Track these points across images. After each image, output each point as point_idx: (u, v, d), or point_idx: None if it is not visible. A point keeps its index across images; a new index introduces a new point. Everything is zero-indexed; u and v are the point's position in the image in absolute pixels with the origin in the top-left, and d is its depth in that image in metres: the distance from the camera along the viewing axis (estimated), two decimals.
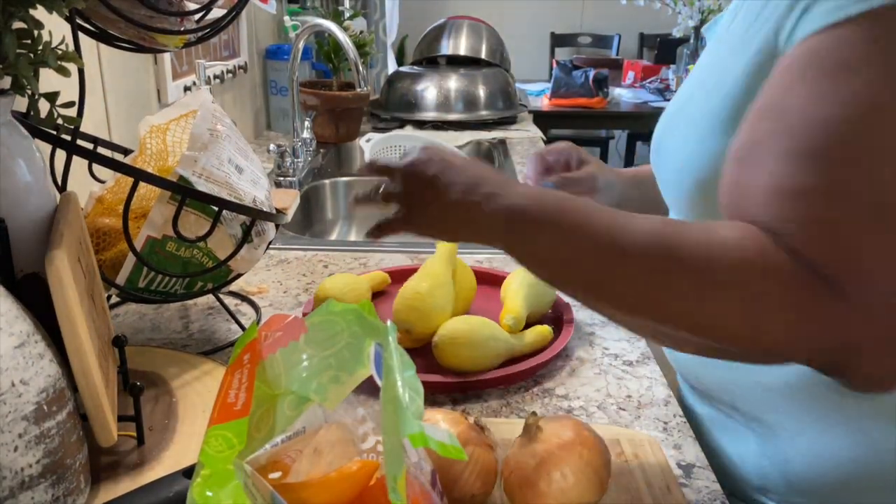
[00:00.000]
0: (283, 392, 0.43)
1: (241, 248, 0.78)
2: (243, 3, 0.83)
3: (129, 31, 0.75)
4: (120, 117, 1.12)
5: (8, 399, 0.46)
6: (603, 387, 0.79)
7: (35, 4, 0.55)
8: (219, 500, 0.37)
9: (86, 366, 0.53)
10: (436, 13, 3.99)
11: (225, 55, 1.69)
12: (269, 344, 0.44)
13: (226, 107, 1.67)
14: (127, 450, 0.62)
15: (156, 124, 0.87)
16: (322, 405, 0.44)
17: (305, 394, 0.42)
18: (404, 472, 0.36)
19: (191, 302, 0.97)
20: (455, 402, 0.76)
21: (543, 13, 4.67)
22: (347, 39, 1.49)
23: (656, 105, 3.28)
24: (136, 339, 0.87)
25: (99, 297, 0.66)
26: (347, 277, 0.91)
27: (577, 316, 0.92)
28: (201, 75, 1.42)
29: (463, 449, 0.37)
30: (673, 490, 0.60)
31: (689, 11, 3.38)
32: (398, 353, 0.41)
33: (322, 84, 1.99)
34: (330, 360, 0.43)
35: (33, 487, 0.48)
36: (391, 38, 3.10)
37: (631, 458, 0.64)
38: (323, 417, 0.47)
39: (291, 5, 2.32)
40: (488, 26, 2.39)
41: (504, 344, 0.80)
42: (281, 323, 0.45)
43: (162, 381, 0.72)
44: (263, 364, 0.43)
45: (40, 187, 0.58)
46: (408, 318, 0.81)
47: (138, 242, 0.75)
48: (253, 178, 0.81)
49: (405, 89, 2.20)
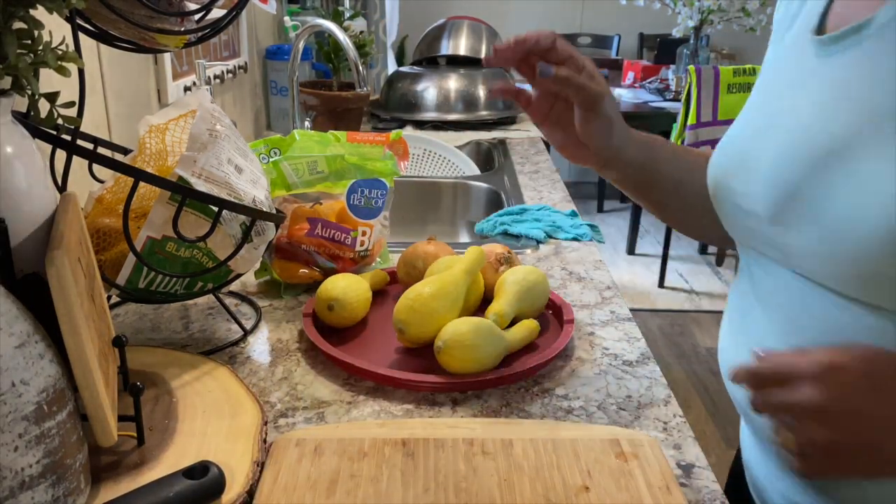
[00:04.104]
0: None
1: (241, 248, 0.78)
2: (243, 4, 0.83)
3: (129, 31, 0.75)
4: (120, 117, 1.12)
5: (8, 399, 0.46)
6: (603, 387, 0.79)
7: (35, 4, 0.55)
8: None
9: (86, 366, 0.53)
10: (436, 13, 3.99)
11: (225, 55, 1.69)
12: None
13: (226, 107, 1.67)
14: (127, 450, 0.62)
15: (155, 124, 0.87)
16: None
17: None
18: None
19: (191, 302, 0.97)
20: (455, 402, 0.76)
21: (543, 13, 4.67)
22: (347, 39, 1.50)
23: (656, 105, 3.28)
24: (136, 339, 0.87)
25: (99, 298, 0.66)
26: (349, 277, 0.91)
27: (577, 316, 0.93)
28: (201, 75, 1.42)
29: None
30: (673, 490, 0.60)
31: (688, 12, 3.38)
32: None
33: (322, 84, 1.99)
34: None
35: (33, 487, 0.48)
36: (391, 38, 3.10)
37: (631, 458, 0.64)
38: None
39: (291, 5, 2.33)
40: (488, 26, 2.39)
41: (503, 342, 0.80)
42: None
43: (162, 381, 0.72)
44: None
45: (40, 187, 0.58)
46: (404, 318, 0.81)
47: (138, 243, 0.75)
48: (252, 178, 0.81)
49: (405, 89, 2.20)
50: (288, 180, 1.04)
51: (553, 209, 1.34)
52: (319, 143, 1.08)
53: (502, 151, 1.91)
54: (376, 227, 1.04)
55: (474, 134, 2.09)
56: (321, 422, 0.72)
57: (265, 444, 0.65)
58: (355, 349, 0.85)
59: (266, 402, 0.75)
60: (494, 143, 2.00)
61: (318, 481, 0.60)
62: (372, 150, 1.07)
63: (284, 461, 0.62)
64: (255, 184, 0.81)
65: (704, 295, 3.36)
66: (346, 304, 0.87)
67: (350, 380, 0.79)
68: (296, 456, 0.63)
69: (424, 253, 0.98)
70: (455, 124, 2.15)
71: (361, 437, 0.66)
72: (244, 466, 0.60)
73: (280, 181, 1.03)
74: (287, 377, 0.80)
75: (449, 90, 2.17)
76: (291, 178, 1.03)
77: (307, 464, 0.62)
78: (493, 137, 2.05)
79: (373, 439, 0.66)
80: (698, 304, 3.26)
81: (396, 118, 2.17)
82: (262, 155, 1.06)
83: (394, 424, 0.69)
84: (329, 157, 1.04)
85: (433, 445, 0.65)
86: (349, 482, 0.60)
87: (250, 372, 0.81)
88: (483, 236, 1.26)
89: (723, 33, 4.20)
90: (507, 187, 1.56)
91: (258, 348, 0.86)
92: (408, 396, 0.76)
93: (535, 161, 1.80)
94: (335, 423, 0.72)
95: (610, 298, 1.00)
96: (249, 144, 0.89)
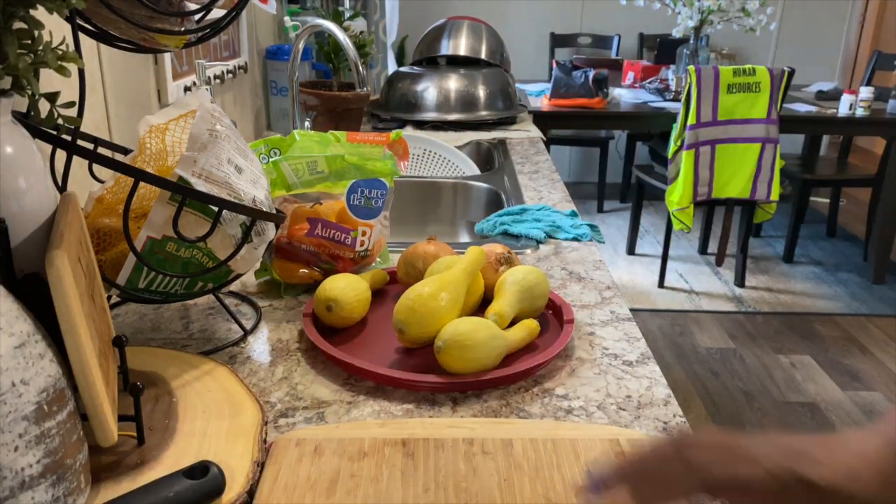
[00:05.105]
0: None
1: (241, 248, 0.78)
2: (243, 4, 0.83)
3: (129, 31, 0.75)
4: (120, 117, 1.12)
5: (8, 399, 0.46)
6: (603, 387, 0.79)
7: (35, 5, 0.55)
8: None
9: (86, 366, 0.53)
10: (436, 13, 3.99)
11: (225, 55, 1.69)
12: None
13: (226, 107, 1.67)
14: (127, 450, 0.62)
15: (155, 124, 0.87)
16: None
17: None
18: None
19: (191, 302, 0.97)
20: (455, 402, 0.76)
21: (543, 13, 4.67)
22: (347, 40, 1.50)
23: (656, 105, 3.28)
24: (136, 339, 0.87)
25: (99, 297, 0.66)
26: (348, 277, 0.91)
27: (577, 316, 0.93)
28: (201, 75, 1.42)
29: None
30: None
31: (688, 12, 3.38)
32: None
33: (322, 84, 1.99)
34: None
35: (33, 487, 0.48)
36: (391, 38, 3.10)
37: None
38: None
39: (291, 5, 2.33)
40: (488, 26, 2.40)
41: (503, 342, 0.80)
42: None
43: (162, 381, 0.72)
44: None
45: (40, 187, 0.58)
46: (404, 318, 0.81)
47: (138, 243, 0.75)
48: (252, 178, 0.81)
49: (405, 89, 2.20)
50: (288, 180, 1.04)
51: (553, 209, 1.34)
52: (319, 144, 1.08)
53: (502, 151, 1.91)
54: (376, 227, 1.04)
55: (474, 134, 2.09)
56: (321, 422, 0.72)
57: (265, 444, 0.65)
58: (355, 349, 0.85)
59: (266, 402, 0.75)
60: (494, 143, 2.00)
61: (318, 481, 0.60)
62: (372, 150, 1.07)
63: (284, 461, 0.62)
64: (255, 184, 0.81)
65: (704, 295, 3.35)
66: (345, 305, 0.87)
67: (350, 380, 0.79)
68: (296, 456, 0.63)
69: (424, 253, 0.98)
70: (455, 124, 2.15)
71: (361, 437, 0.66)
72: (244, 466, 0.60)
73: (280, 181, 1.03)
74: (287, 377, 0.80)
75: (449, 90, 2.17)
76: (291, 178, 1.03)
77: (307, 464, 0.62)
78: (493, 137, 2.05)
79: (373, 439, 0.66)
80: (698, 304, 3.26)
81: (396, 118, 2.17)
82: (262, 155, 1.06)
83: (394, 424, 0.69)
84: (329, 157, 1.04)
85: (433, 445, 0.65)
86: (349, 482, 0.60)
87: (250, 372, 0.81)
88: (483, 236, 1.26)
89: (723, 33, 4.20)
90: (507, 187, 1.56)
91: (258, 348, 0.86)
92: (408, 396, 0.76)
93: (535, 161, 1.80)
94: (335, 423, 0.72)
95: (610, 298, 1.00)
96: (249, 144, 0.89)
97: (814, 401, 2.56)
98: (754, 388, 2.64)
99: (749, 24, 3.38)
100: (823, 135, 4.35)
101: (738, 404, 2.54)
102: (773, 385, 2.66)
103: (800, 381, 2.68)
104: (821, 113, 3.26)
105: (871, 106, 3.19)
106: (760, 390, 2.62)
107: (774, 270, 3.65)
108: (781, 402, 2.55)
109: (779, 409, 2.51)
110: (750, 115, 2.91)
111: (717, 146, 2.95)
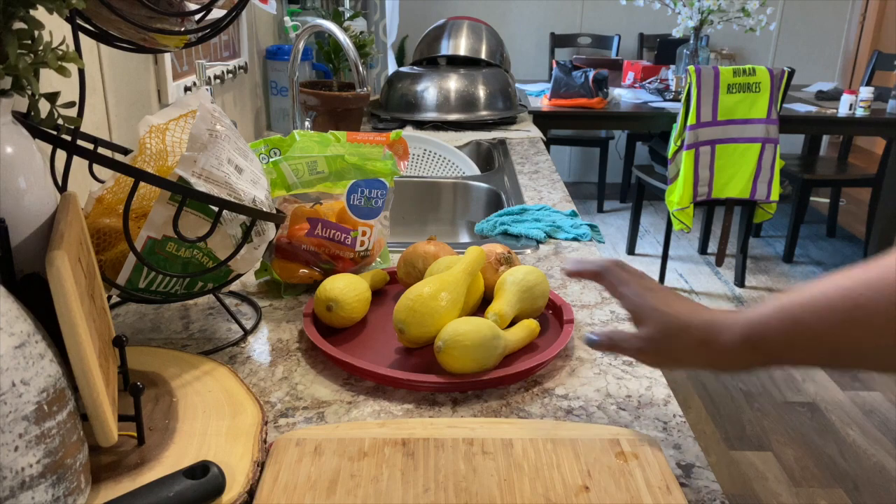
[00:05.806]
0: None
1: (241, 248, 0.78)
2: (243, 4, 0.83)
3: (129, 31, 0.75)
4: (120, 117, 1.12)
5: (8, 399, 0.46)
6: (603, 387, 0.79)
7: (35, 4, 0.55)
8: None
9: (86, 366, 0.53)
10: (436, 13, 3.99)
11: (225, 55, 1.69)
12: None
13: (226, 107, 1.67)
14: (127, 450, 0.62)
15: (155, 124, 0.87)
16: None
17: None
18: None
19: (191, 302, 0.97)
20: (455, 402, 0.76)
21: (543, 13, 4.67)
22: (347, 40, 1.50)
23: (656, 105, 3.28)
24: (136, 339, 0.88)
25: (99, 297, 0.66)
26: (348, 277, 0.91)
27: (577, 316, 0.93)
28: (201, 75, 1.42)
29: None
30: (673, 490, 0.60)
31: (688, 12, 3.38)
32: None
33: (322, 84, 1.99)
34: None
35: (34, 487, 0.48)
36: (391, 38, 3.10)
37: (631, 457, 0.64)
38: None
39: (291, 5, 2.33)
40: (488, 26, 2.40)
41: (503, 342, 0.80)
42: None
43: (162, 381, 0.72)
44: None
45: (40, 187, 0.58)
46: (404, 318, 0.81)
47: (138, 243, 0.75)
48: (253, 178, 0.81)
49: (405, 90, 2.20)
50: (288, 180, 1.04)
51: (553, 209, 1.34)
52: (319, 144, 1.08)
53: (502, 151, 1.91)
54: (376, 227, 1.04)
55: (474, 134, 2.09)
56: (321, 422, 0.72)
57: (265, 443, 0.65)
58: (355, 349, 0.85)
59: (266, 402, 0.75)
60: (494, 143, 2.00)
61: (318, 481, 0.60)
62: (372, 150, 1.07)
63: (284, 461, 0.62)
64: (255, 184, 0.81)
65: (704, 295, 3.35)
66: (345, 305, 0.87)
67: (350, 380, 0.79)
68: (296, 456, 0.63)
69: (424, 253, 0.98)
70: (455, 124, 2.15)
71: (361, 437, 0.66)
72: (244, 466, 0.60)
73: (280, 181, 1.03)
74: (287, 377, 0.80)
75: (449, 90, 2.17)
76: (291, 178, 1.03)
77: (307, 464, 0.62)
78: (493, 137, 2.05)
79: (373, 439, 0.66)
80: None
81: (396, 118, 2.17)
82: (262, 155, 1.06)
83: (394, 424, 0.69)
84: (329, 158, 1.04)
85: (433, 445, 0.65)
86: (349, 482, 0.60)
87: (250, 372, 0.81)
88: (483, 236, 1.26)
89: (723, 33, 4.21)
90: (507, 187, 1.56)
91: (258, 348, 0.86)
92: (408, 396, 0.76)
93: (535, 161, 1.80)
94: (335, 423, 0.72)
95: (610, 298, 1.00)
96: (249, 144, 0.89)
97: (814, 401, 2.56)
98: (754, 388, 2.64)
99: (749, 24, 3.39)
100: (823, 135, 4.35)
101: (737, 404, 2.54)
102: (773, 385, 2.66)
103: (800, 381, 2.68)
104: (821, 113, 3.26)
105: (870, 106, 3.19)
106: (760, 390, 2.62)
107: (774, 270, 3.65)
108: (781, 402, 2.55)
109: (779, 409, 2.51)
110: (750, 115, 2.91)
111: (717, 146, 2.95)
